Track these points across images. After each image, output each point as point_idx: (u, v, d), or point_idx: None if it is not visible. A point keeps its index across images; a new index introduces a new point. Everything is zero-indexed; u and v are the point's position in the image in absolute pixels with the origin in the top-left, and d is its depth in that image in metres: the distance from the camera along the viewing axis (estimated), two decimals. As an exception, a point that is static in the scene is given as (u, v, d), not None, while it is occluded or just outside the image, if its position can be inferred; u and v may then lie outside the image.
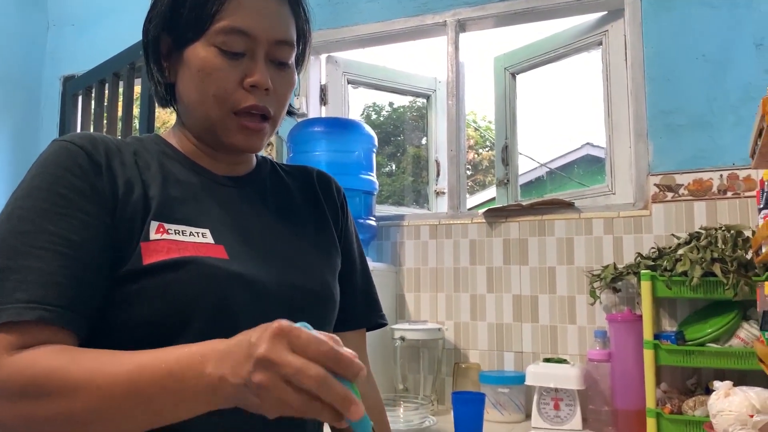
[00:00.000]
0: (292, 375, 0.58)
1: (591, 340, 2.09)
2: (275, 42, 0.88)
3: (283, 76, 0.90)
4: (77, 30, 3.17)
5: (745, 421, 1.35)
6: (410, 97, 3.22)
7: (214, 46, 0.86)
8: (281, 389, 0.59)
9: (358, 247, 1.09)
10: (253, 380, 0.59)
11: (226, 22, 0.85)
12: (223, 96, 0.86)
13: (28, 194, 0.78)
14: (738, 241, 1.82)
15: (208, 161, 0.94)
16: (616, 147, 2.31)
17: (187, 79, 0.88)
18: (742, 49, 2.07)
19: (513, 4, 2.42)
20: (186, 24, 0.87)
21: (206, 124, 0.89)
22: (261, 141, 0.90)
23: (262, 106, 0.87)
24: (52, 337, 0.72)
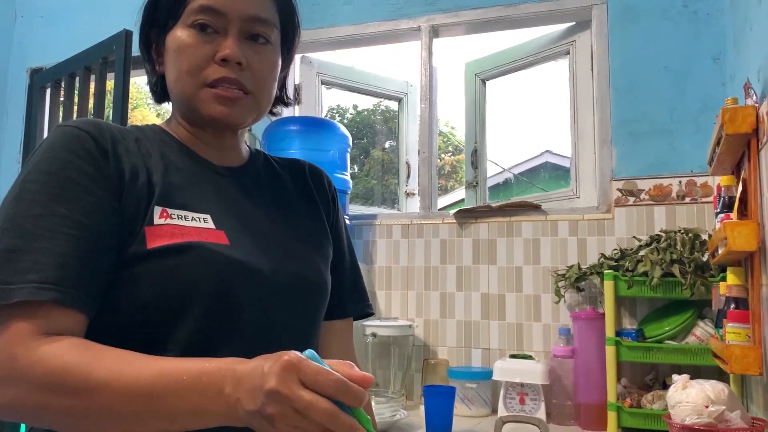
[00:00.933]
0: (303, 409, 0.62)
1: (555, 337, 2.17)
2: (247, 18, 0.91)
3: (260, 52, 0.92)
4: (46, 22, 3.13)
5: (701, 411, 1.43)
6: (375, 101, 3.27)
7: (189, 27, 0.90)
8: (294, 419, 0.62)
9: (347, 238, 1.13)
10: (266, 411, 0.63)
11: (198, 2, 0.89)
12: (195, 71, 0.89)
13: (38, 178, 0.79)
14: (695, 244, 1.92)
15: (206, 150, 0.96)
16: (581, 153, 2.40)
17: (168, 62, 0.92)
18: (701, 62, 2.18)
19: (485, 12, 2.49)
20: (165, 11, 0.92)
21: (184, 100, 0.92)
22: (239, 111, 0.91)
23: (234, 78, 0.89)
24: (64, 318, 0.74)
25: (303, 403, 0.62)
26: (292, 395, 0.62)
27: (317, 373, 0.63)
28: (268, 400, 0.63)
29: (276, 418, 0.63)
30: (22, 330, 0.72)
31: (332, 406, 0.62)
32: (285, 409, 0.62)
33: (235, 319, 0.85)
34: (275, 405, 0.62)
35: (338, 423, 0.62)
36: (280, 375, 0.63)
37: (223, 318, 0.84)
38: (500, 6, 2.47)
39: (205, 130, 0.96)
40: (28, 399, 0.70)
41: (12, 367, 0.70)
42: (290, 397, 0.62)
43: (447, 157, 12.14)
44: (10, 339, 0.71)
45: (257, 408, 0.64)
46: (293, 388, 0.62)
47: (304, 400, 0.62)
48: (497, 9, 2.47)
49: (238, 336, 0.85)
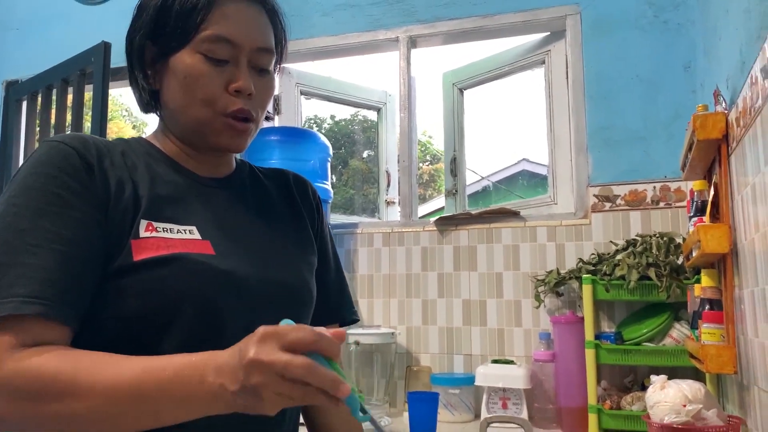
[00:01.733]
0: (282, 369, 0.64)
1: (536, 341, 2.20)
2: (257, 49, 0.93)
3: (264, 81, 0.95)
4: (21, 35, 3.11)
5: (678, 410, 1.46)
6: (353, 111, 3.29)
7: (200, 53, 0.90)
8: (277, 383, 0.65)
9: (332, 246, 1.15)
10: (250, 383, 0.65)
11: (212, 30, 0.90)
12: (210, 100, 0.90)
13: (23, 193, 0.80)
14: (670, 247, 1.97)
15: (191, 163, 0.97)
16: (558, 160, 2.44)
17: (173, 85, 0.92)
18: (673, 71, 2.24)
19: (462, 22, 2.53)
20: (171, 33, 0.91)
21: (194, 126, 0.93)
22: (246, 141, 0.95)
23: (248, 110, 0.92)
24: (49, 332, 0.75)
25: (281, 364, 0.64)
26: (270, 359, 0.64)
27: (293, 330, 0.66)
28: (250, 371, 0.65)
29: (261, 387, 0.65)
30: (5, 343, 0.72)
31: (309, 361, 0.65)
32: (267, 376, 0.64)
33: (222, 328, 0.86)
34: (257, 374, 0.65)
35: (319, 376, 0.65)
36: (257, 345, 0.65)
37: (210, 327, 0.85)
38: (476, 17, 2.51)
39: (201, 152, 0.97)
40: (13, 409, 0.71)
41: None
42: (269, 362, 0.64)
43: (425, 166, 12.20)
44: None
45: (241, 384, 0.66)
46: (270, 353, 0.64)
47: (282, 361, 0.64)
48: (473, 20, 2.51)
49: (225, 344, 0.85)
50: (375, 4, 2.65)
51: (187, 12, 0.90)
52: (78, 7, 3.02)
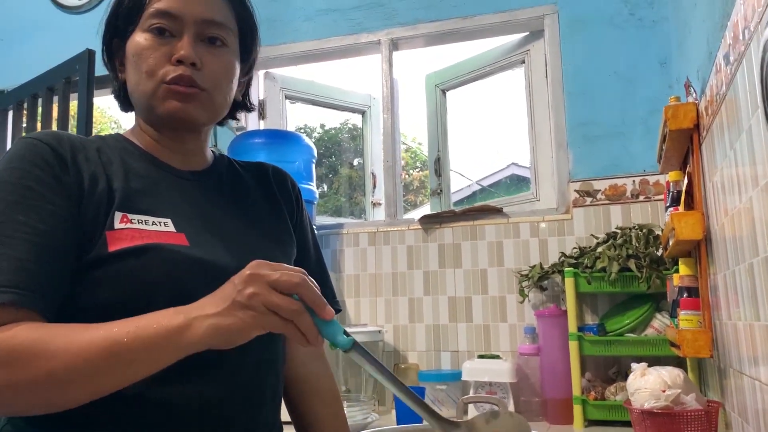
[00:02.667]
0: (275, 281, 0.72)
1: (521, 336, 2.22)
2: (202, 21, 0.95)
3: (215, 53, 0.96)
4: (6, 45, 3.13)
5: (658, 396, 1.49)
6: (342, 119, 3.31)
7: (146, 32, 0.94)
8: (268, 293, 0.72)
9: (312, 237, 1.17)
10: (243, 294, 0.72)
11: (154, 6, 0.94)
12: (152, 71, 0.93)
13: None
14: (650, 239, 2.00)
15: (168, 155, 0.99)
16: (539, 157, 2.48)
17: (128, 67, 0.96)
18: (648, 67, 2.28)
19: (442, 24, 2.57)
20: (125, 19, 0.96)
21: (144, 99, 0.95)
22: (194, 107, 0.94)
23: (188, 77, 0.93)
24: (22, 320, 0.76)
25: (276, 275, 0.73)
26: (266, 273, 0.73)
27: (280, 264, 0.75)
28: (245, 285, 0.72)
29: (253, 297, 0.72)
30: None
31: (301, 276, 0.74)
32: (260, 286, 0.72)
33: None
34: (252, 284, 0.72)
35: (308, 292, 0.74)
36: (254, 266, 0.74)
37: None
38: (456, 18, 2.55)
39: (166, 131, 0.98)
40: None
41: None
42: (264, 274, 0.73)
43: (415, 173, 12.23)
44: None
45: (231, 301, 0.73)
46: (266, 270, 0.73)
47: (277, 273, 0.73)
48: (454, 21, 2.55)
49: None
50: (357, 8, 2.68)
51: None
52: (62, 15, 3.04)
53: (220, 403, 0.89)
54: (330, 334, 0.74)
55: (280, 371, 1.04)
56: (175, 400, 0.85)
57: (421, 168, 12.30)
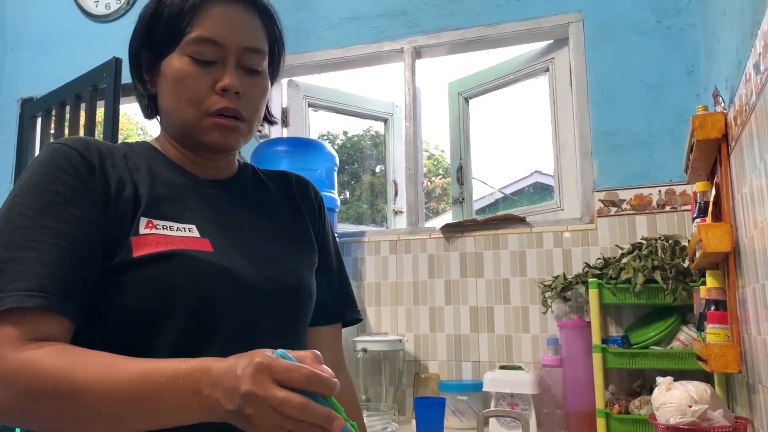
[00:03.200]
0: (278, 406, 0.65)
1: (544, 347, 2.20)
2: (244, 49, 0.95)
3: (254, 82, 0.97)
4: (36, 53, 3.18)
5: (684, 411, 1.46)
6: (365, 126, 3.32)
7: (187, 56, 0.93)
8: (271, 417, 0.66)
9: (334, 246, 1.16)
10: (244, 411, 0.67)
11: (197, 32, 0.92)
12: (196, 100, 0.92)
13: (26, 192, 0.83)
14: (676, 250, 1.97)
15: (192, 166, 1.00)
16: (563, 166, 2.45)
17: (164, 88, 0.95)
18: (676, 75, 2.25)
19: (465, 32, 2.56)
20: (162, 38, 0.94)
21: (184, 127, 0.95)
22: (235, 138, 0.96)
23: (234, 108, 0.93)
24: (50, 324, 0.77)
25: (277, 401, 0.65)
26: (267, 395, 0.65)
27: (288, 370, 0.66)
28: (245, 402, 0.66)
29: (254, 418, 0.66)
30: (8, 335, 0.75)
31: (305, 400, 0.66)
32: (261, 409, 0.66)
33: (219, 324, 0.87)
34: (252, 406, 0.66)
35: (313, 414, 0.66)
36: (253, 377, 0.66)
37: (207, 323, 0.87)
38: (480, 26, 2.54)
39: (198, 153, 0.99)
40: (12, 403, 0.73)
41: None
42: (265, 397, 0.65)
43: (438, 180, 12.21)
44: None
45: (236, 408, 0.67)
46: (267, 388, 0.66)
47: (278, 398, 0.65)
48: (477, 29, 2.54)
49: (222, 341, 0.87)
50: (380, 16, 2.69)
51: (174, 16, 0.93)
52: (90, 24, 3.09)
53: None
54: None
55: None
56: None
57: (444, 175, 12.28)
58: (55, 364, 0.73)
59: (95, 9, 3.09)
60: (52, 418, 0.73)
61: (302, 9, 2.74)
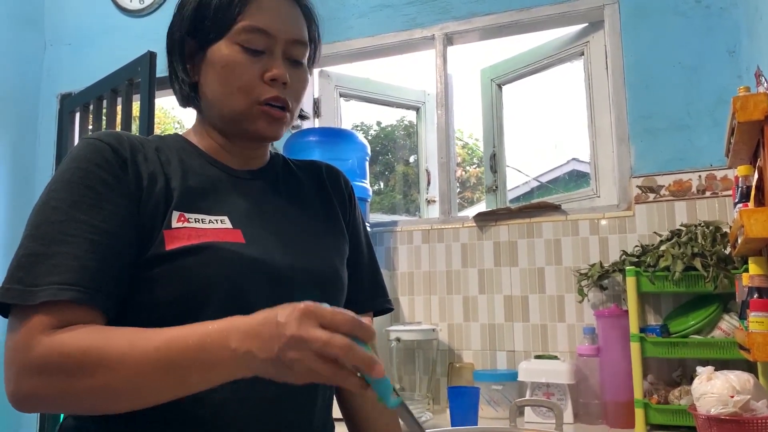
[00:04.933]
0: (322, 347, 0.66)
1: (580, 336, 2.16)
2: (292, 41, 0.96)
3: (298, 73, 0.98)
4: (73, 49, 3.25)
5: (726, 402, 1.42)
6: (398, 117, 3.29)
7: (237, 44, 0.93)
8: (313, 360, 0.67)
9: (365, 236, 1.16)
10: (286, 356, 0.67)
11: (248, 22, 0.93)
12: (246, 88, 0.93)
13: (60, 187, 0.84)
14: (717, 237, 1.91)
15: (225, 156, 1.00)
16: (600, 152, 2.40)
17: (211, 75, 0.95)
18: (716, 56, 2.18)
19: (498, 17, 2.52)
20: (210, 26, 0.95)
21: (231, 115, 0.95)
22: (282, 129, 0.97)
23: (283, 98, 0.95)
24: (84, 317, 0.78)
25: (321, 341, 0.67)
26: (312, 337, 0.67)
27: (333, 313, 0.69)
28: (289, 346, 0.68)
29: (296, 363, 0.68)
30: (41, 325, 0.76)
31: (348, 340, 0.67)
32: (304, 353, 0.67)
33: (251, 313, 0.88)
34: (296, 350, 0.67)
35: (355, 355, 0.67)
36: (300, 320, 0.68)
37: (239, 313, 0.87)
38: (512, 11, 2.49)
39: (240, 142, 0.99)
40: (49, 386, 0.75)
41: (28, 358, 0.75)
42: (310, 340, 0.67)
43: (472, 169, 12.11)
44: (29, 332, 0.76)
45: (275, 355, 0.68)
46: (311, 331, 0.67)
47: (322, 339, 0.67)
48: (509, 14, 2.50)
49: None
50: (410, 3, 2.66)
51: (225, 5, 0.94)
52: (125, 19, 3.14)
53: (271, 404, 0.89)
54: (380, 391, 0.71)
55: None
56: (228, 399, 0.85)
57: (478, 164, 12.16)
58: (86, 343, 0.74)
59: (130, 4, 3.13)
60: (90, 394, 0.75)
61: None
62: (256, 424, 0.88)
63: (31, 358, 0.75)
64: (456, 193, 2.64)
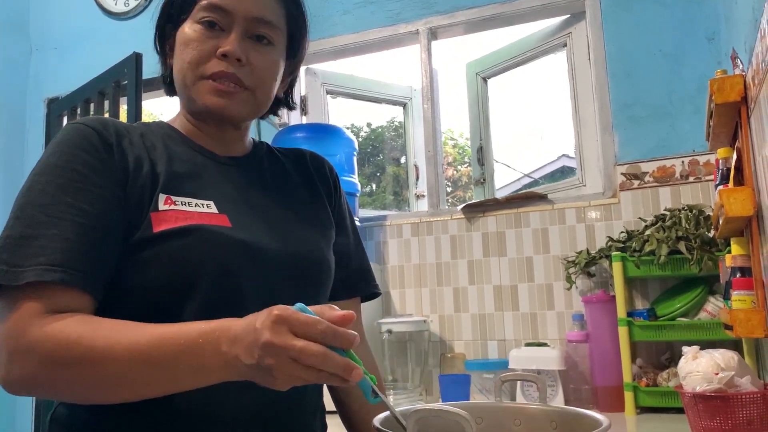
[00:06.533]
0: (297, 356, 0.66)
1: (569, 323, 2.18)
2: (252, 18, 0.96)
3: (261, 51, 0.97)
4: (59, 53, 3.25)
5: (711, 379, 1.44)
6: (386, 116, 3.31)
7: (197, 23, 0.96)
8: (291, 367, 0.67)
9: (351, 222, 1.17)
10: (264, 362, 0.67)
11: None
12: (196, 62, 0.94)
13: (46, 171, 0.85)
14: (700, 220, 1.93)
15: (209, 142, 1.02)
16: (584, 141, 2.42)
17: (175, 55, 0.98)
18: (696, 44, 2.21)
19: (481, 11, 2.54)
20: (179, 7, 0.98)
21: (184, 91, 0.97)
22: (235, 104, 0.96)
23: (231, 73, 0.94)
24: (72, 301, 0.79)
25: (296, 350, 0.66)
26: (285, 345, 0.66)
27: (306, 323, 0.67)
28: (264, 353, 0.67)
29: (274, 368, 0.67)
30: (30, 309, 0.77)
31: (323, 349, 0.66)
32: (281, 360, 0.67)
33: (240, 298, 0.89)
34: (271, 356, 0.67)
35: (331, 363, 0.67)
36: (272, 328, 0.67)
37: (228, 296, 0.88)
38: (495, 4, 2.52)
39: (207, 122, 1.00)
40: (38, 373, 0.76)
41: (20, 344, 0.76)
42: (284, 347, 0.66)
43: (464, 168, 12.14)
44: (20, 317, 0.77)
45: (256, 361, 0.68)
46: (285, 339, 0.66)
47: (297, 348, 0.66)
48: (492, 7, 2.52)
49: (243, 314, 0.89)
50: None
51: None
52: (111, 22, 3.14)
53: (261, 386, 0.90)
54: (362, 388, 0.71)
55: None
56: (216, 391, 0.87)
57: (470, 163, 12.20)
58: (76, 333, 0.75)
59: (115, 7, 3.14)
60: (78, 385, 0.76)
61: (316, -4, 2.76)
62: (246, 411, 0.89)
63: (23, 343, 0.75)
64: (444, 185, 2.66)
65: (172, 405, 0.83)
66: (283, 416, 0.93)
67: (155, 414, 0.84)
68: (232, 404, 0.87)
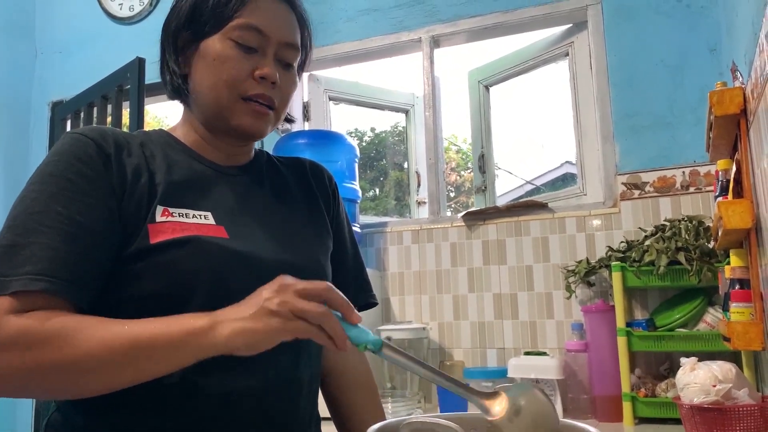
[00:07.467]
0: (303, 288, 0.75)
1: (568, 332, 2.18)
2: (284, 43, 0.98)
3: (288, 75, 1.00)
4: (64, 57, 3.26)
5: (708, 391, 1.44)
6: (389, 121, 3.32)
7: (231, 40, 0.95)
8: (296, 300, 0.74)
9: (349, 232, 1.18)
10: (272, 301, 0.74)
11: (244, 19, 0.96)
12: (234, 83, 0.95)
13: (41, 180, 0.86)
14: (700, 231, 1.93)
15: (210, 152, 1.02)
16: (585, 150, 2.43)
17: (201, 67, 0.97)
18: (698, 54, 2.21)
19: (483, 19, 2.55)
20: (207, 19, 0.97)
21: (216, 108, 0.97)
22: (265, 126, 0.99)
23: (269, 96, 0.97)
24: (55, 307, 0.79)
25: (302, 285, 0.76)
26: (294, 282, 0.77)
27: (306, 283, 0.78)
28: (274, 293, 0.75)
29: (281, 302, 0.74)
30: (11, 306, 0.77)
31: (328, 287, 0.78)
32: (289, 294, 0.75)
33: None
34: (280, 294, 0.75)
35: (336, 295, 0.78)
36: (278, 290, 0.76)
37: (222, 306, 0.89)
38: (497, 12, 2.53)
39: (224, 137, 1.01)
40: (17, 361, 0.74)
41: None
42: (292, 284, 0.76)
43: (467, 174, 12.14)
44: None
45: (260, 306, 0.75)
46: (293, 280, 0.77)
47: (304, 285, 0.76)
48: (495, 15, 2.53)
49: None
50: (397, 6, 2.69)
51: (224, 2, 0.96)
52: (115, 27, 3.16)
53: (256, 395, 0.91)
54: (357, 336, 0.77)
55: (317, 363, 1.05)
56: (213, 390, 0.87)
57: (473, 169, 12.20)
58: (58, 323, 0.76)
59: (119, 12, 3.15)
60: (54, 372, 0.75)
61: (320, 2, 2.77)
62: (243, 414, 0.89)
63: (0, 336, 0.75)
64: (445, 193, 2.66)
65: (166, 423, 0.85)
66: (278, 425, 0.93)
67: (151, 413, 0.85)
68: (228, 415, 0.88)
